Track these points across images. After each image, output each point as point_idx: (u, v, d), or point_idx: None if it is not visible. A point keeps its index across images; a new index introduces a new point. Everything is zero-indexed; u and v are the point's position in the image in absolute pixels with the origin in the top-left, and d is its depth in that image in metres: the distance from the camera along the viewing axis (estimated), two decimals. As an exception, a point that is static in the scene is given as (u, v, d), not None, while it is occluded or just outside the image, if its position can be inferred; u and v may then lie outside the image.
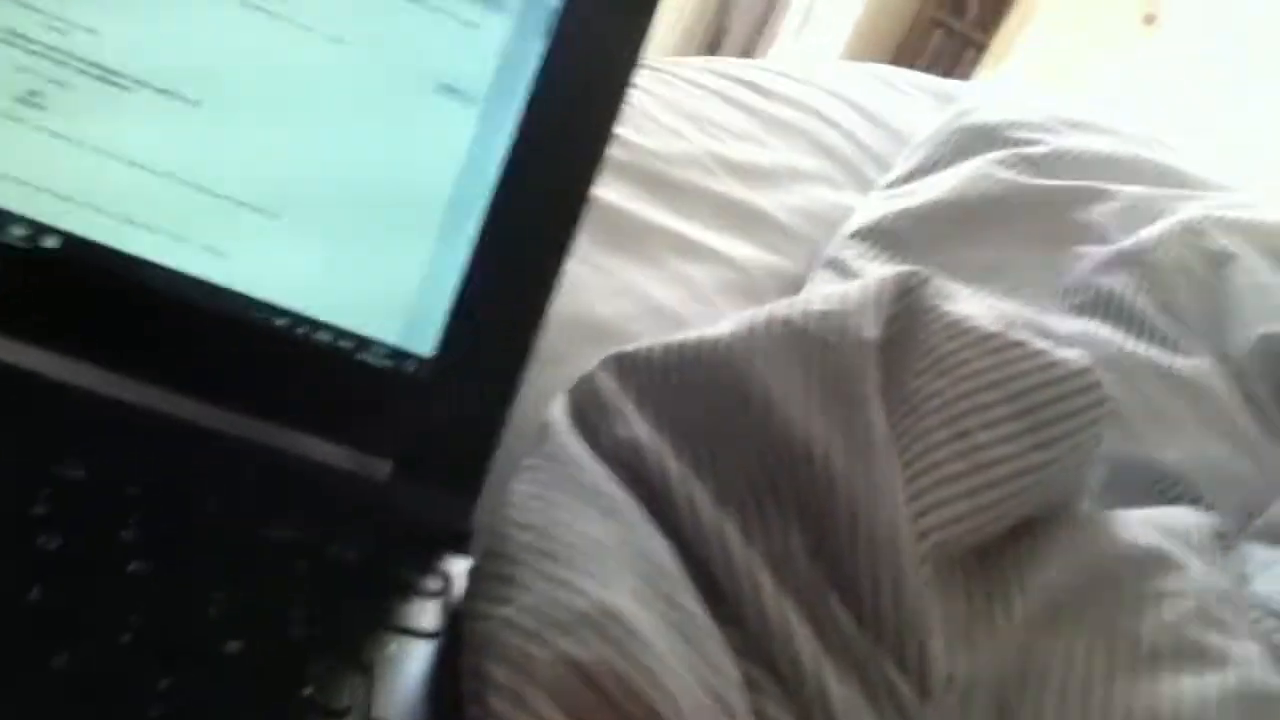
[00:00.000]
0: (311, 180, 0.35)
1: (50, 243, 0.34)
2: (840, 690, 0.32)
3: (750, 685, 0.32)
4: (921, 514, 0.37)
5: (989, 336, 0.41)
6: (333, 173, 0.35)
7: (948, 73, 2.45)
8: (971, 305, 0.44)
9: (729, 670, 0.31)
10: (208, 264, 0.35)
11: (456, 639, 0.31)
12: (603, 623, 0.29)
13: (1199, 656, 0.38)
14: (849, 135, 0.90)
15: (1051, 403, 0.40)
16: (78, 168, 0.33)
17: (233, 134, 0.34)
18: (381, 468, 0.37)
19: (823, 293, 0.41)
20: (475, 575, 0.34)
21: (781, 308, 0.40)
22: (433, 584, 0.34)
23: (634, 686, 0.28)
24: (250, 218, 0.35)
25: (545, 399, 0.41)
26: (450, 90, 0.35)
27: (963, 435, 0.38)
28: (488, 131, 0.36)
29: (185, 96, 0.34)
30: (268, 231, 0.35)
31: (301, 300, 0.36)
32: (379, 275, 0.36)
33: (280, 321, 0.36)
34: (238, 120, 0.34)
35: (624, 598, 0.30)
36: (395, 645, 0.31)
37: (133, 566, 0.29)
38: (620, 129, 0.37)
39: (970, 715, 0.36)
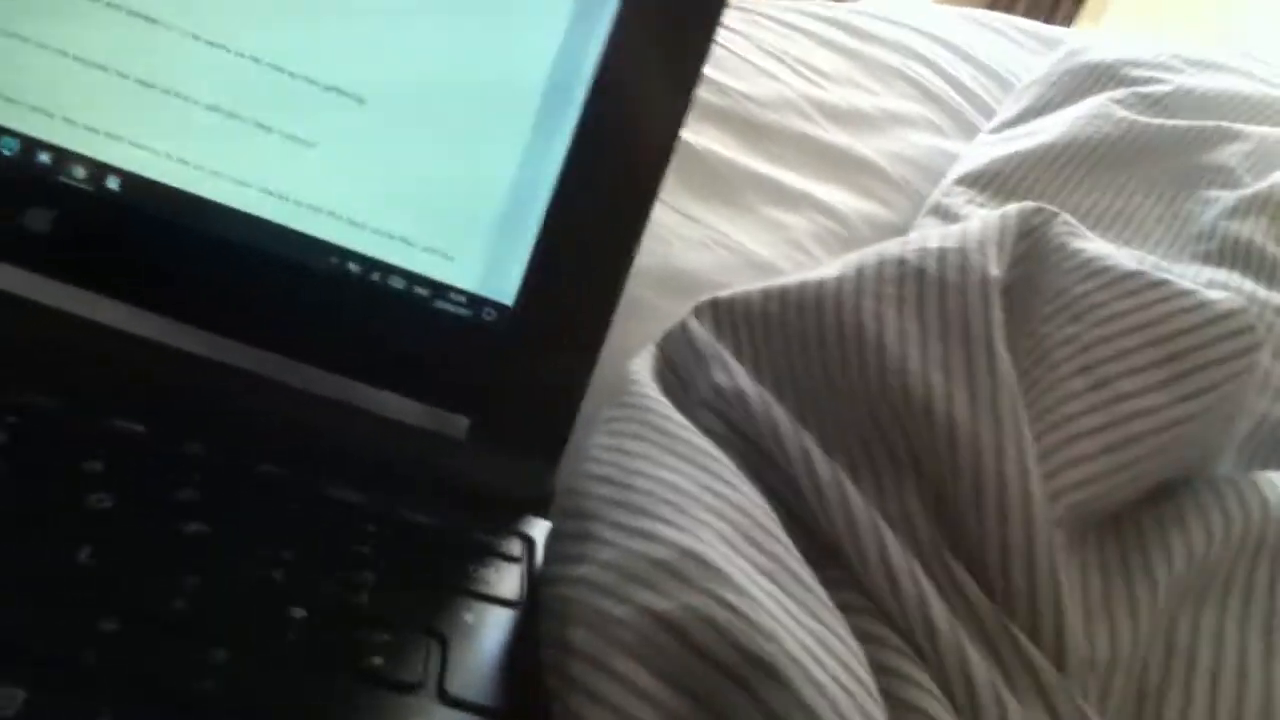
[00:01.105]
0: (399, 85, 0.33)
1: (112, 184, 0.32)
2: (981, 662, 0.28)
3: (867, 639, 0.28)
4: (1054, 473, 0.33)
5: (1128, 275, 0.37)
6: (423, 74, 0.33)
7: (1046, 21, 2.35)
8: (1103, 244, 0.40)
9: (832, 619, 0.28)
10: (277, 206, 0.33)
11: (538, 607, 0.29)
12: (683, 568, 0.26)
13: None
14: (951, 79, 0.85)
15: (1200, 348, 0.36)
16: (137, 106, 0.31)
17: (326, 28, 0.32)
18: (458, 425, 0.35)
19: (938, 231, 0.38)
20: (553, 537, 0.31)
21: (893, 247, 0.37)
22: (512, 549, 0.32)
23: (728, 630, 0.25)
24: (331, 142, 0.32)
25: (628, 353, 0.39)
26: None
27: (1102, 385, 0.34)
28: (581, 30, 0.33)
29: None
30: (342, 165, 0.33)
31: (376, 244, 0.34)
32: (459, 210, 0.34)
33: (352, 267, 0.34)
34: (332, 12, 0.32)
35: (707, 541, 0.27)
36: (472, 614, 0.28)
37: (191, 528, 0.27)
38: (708, 69, 0.35)
39: (1109, 700, 0.32)
